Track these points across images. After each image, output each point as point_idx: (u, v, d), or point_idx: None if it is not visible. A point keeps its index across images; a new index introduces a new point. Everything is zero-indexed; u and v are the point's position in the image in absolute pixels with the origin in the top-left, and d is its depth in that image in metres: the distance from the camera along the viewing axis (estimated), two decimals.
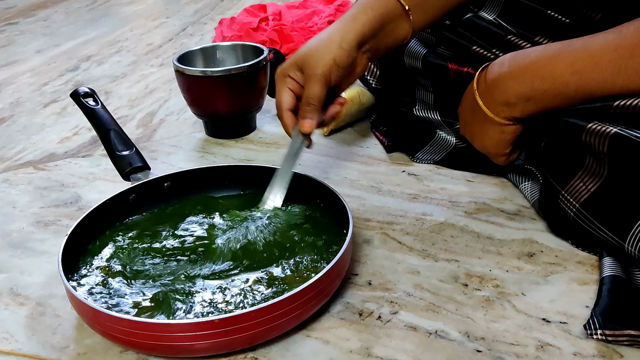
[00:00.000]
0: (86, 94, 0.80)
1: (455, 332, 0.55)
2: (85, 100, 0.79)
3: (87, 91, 0.80)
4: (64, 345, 0.57)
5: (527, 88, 0.62)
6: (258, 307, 0.52)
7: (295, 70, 0.67)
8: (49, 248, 0.71)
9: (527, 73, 0.62)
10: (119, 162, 0.73)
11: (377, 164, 0.86)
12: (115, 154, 0.74)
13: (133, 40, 1.56)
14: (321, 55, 0.66)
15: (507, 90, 0.64)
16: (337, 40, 0.66)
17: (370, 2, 0.68)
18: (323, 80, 0.66)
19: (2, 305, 0.62)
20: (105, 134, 0.75)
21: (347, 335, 0.56)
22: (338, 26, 0.68)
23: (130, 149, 0.74)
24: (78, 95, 0.80)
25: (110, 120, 0.77)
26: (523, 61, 0.64)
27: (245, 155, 0.92)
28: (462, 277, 0.62)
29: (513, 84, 0.63)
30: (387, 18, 0.68)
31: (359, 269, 0.64)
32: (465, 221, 0.71)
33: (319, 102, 0.66)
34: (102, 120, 0.77)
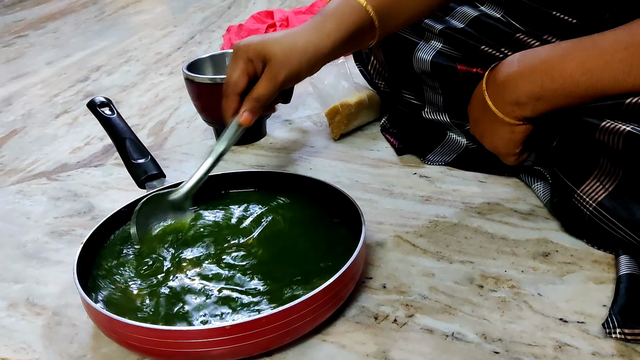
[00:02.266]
0: (102, 104, 0.80)
1: (472, 333, 0.55)
2: (101, 109, 0.79)
3: (103, 100, 0.81)
4: (81, 354, 0.57)
5: (537, 87, 0.62)
6: (273, 312, 0.52)
7: (258, 59, 0.67)
8: (64, 258, 0.71)
9: (537, 72, 0.62)
10: (135, 170, 0.74)
11: (388, 167, 0.85)
12: (130, 162, 0.74)
13: (142, 50, 1.57)
14: (289, 63, 0.65)
15: (517, 89, 0.63)
16: (309, 53, 0.65)
17: (345, 13, 0.67)
18: (280, 86, 0.66)
19: (18, 315, 0.63)
20: (121, 142, 0.75)
21: (363, 339, 0.56)
22: (314, 38, 0.66)
23: (146, 157, 0.75)
24: (94, 105, 0.80)
25: (126, 129, 0.78)
26: (533, 60, 0.64)
27: (256, 161, 0.92)
28: (477, 279, 0.62)
29: (523, 84, 0.63)
30: (358, 29, 0.68)
31: (373, 273, 0.64)
32: (478, 222, 0.71)
33: (267, 103, 0.68)
34: (117, 129, 0.77)
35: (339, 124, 0.94)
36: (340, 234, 0.66)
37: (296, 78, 0.67)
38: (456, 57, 0.83)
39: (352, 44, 0.69)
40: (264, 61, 0.66)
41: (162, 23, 1.83)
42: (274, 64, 0.65)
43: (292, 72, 0.66)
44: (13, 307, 0.64)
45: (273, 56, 0.66)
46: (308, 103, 1.11)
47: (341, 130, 0.94)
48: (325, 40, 0.66)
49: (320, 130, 0.99)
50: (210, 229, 0.68)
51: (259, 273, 0.61)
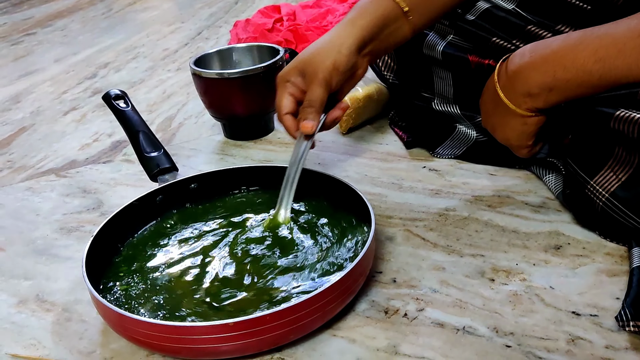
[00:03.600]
0: (117, 96, 0.80)
1: (484, 327, 0.55)
2: (116, 102, 0.79)
3: (118, 93, 0.81)
4: (90, 350, 0.57)
5: (550, 78, 0.61)
6: (282, 308, 0.51)
7: (296, 75, 0.68)
8: (73, 254, 0.71)
9: (549, 63, 0.61)
10: (147, 164, 0.74)
11: (397, 161, 0.85)
12: (143, 155, 0.74)
13: (149, 46, 1.57)
14: (321, 60, 0.66)
15: (529, 81, 0.63)
16: (337, 45, 0.66)
17: (369, 6, 0.68)
18: (324, 84, 0.66)
19: (28, 311, 0.63)
20: (135, 135, 0.75)
21: (374, 333, 0.55)
22: (337, 31, 0.68)
23: (159, 150, 0.75)
24: (109, 97, 0.81)
25: (140, 122, 0.78)
26: (544, 51, 0.63)
27: (264, 156, 0.91)
28: (488, 272, 0.61)
29: (535, 75, 0.62)
30: (386, 21, 0.68)
31: (383, 267, 0.64)
32: (489, 215, 0.70)
33: (320, 105, 0.67)
34: (131, 122, 0.78)
35: (347, 118, 0.93)
36: (349, 229, 0.66)
37: (336, 72, 0.66)
38: (467, 48, 0.82)
39: (384, 35, 0.69)
40: (302, 74, 0.67)
41: (170, 19, 1.83)
42: (308, 68, 0.66)
43: (326, 67, 0.65)
44: (23, 304, 0.64)
45: (304, 63, 0.67)
46: None
47: (350, 124, 0.94)
48: (350, 28, 0.67)
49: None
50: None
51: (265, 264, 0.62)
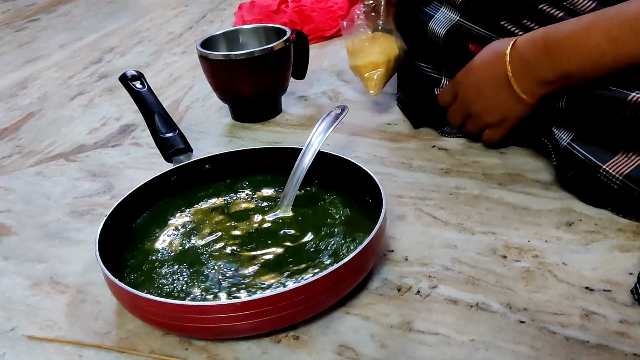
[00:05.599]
0: (134, 77, 0.81)
1: (497, 303, 0.55)
2: (132, 83, 0.80)
3: (134, 74, 0.82)
4: (106, 330, 0.57)
5: (565, 64, 0.62)
6: (297, 286, 0.52)
7: None
8: (86, 237, 0.72)
9: (563, 49, 0.61)
10: (162, 144, 0.74)
11: (407, 140, 0.85)
12: (158, 136, 0.75)
13: (154, 30, 1.56)
14: None
15: (544, 68, 0.63)
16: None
17: None
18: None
19: (43, 294, 0.63)
20: (150, 116, 0.76)
21: (387, 310, 0.55)
22: None
23: (174, 131, 0.76)
24: (126, 78, 0.81)
25: (155, 103, 0.78)
26: (556, 36, 0.63)
27: (273, 138, 0.91)
28: (500, 249, 0.61)
29: (550, 62, 0.63)
30: None
31: (394, 246, 0.64)
32: (500, 193, 0.70)
33: None
34: (147, 102, 0.78)
35: (380, 79, 0.88)
36: (360, 208, 0.66)
37: None
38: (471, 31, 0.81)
39: None
40: None
41: (173, 3, 1.82)
42: None
43: None
44: (37, 286, 0.64)
45: None
46: (323, 79, 1.10)
47: (381, 86, 0.88)
48: None
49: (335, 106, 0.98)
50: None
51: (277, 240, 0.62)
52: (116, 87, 1.19)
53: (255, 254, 0.61)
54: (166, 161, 0.75)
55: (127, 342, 0.55)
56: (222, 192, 0.72)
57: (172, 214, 0.69)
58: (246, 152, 0.76)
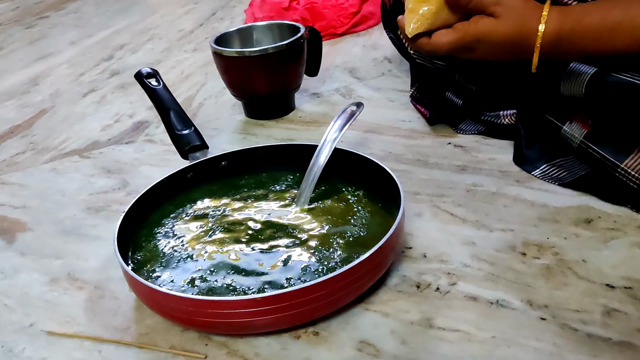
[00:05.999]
0: (149, 75, 0.81)
1: (517, 300, 0.54)
2: (147, 80, 0.80)
3: (149, 72, 0.82)
4: (125, 326, 0.57)
5: (587, 51, 0.63)
6: (316, 282, 0.51)
7: None
8: (102, 233, 0.72)
9: (586, 40, 0.62)
10: (178, 141, 0.75)
11: (421, 137, 0.84)
12: (174, 132, 0.75)
13: (164, 27, 1.56)
14: None
15: (564, 54, 0.63)
16: None
17: None
18: None
19: (61, 289, 0.63)
20: (166, 113, 0.76)
21: (406, 307, 0.55)
22: None
23: (189, 127, 0.76)
24: (141, 75, 0.81)
25: (171, 100, 0.79)
26: (579, 25, 0.63)
27: (287, 135, 0.91)
28: (519, 246, 0.61)
29: (570, 49, 0.63)
30: None
31: (412, 242, 0.63)
32: (517, 190, 0.70)
33: None
34: (163, 100, 0.79)
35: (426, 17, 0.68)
36: (377, 205, 0.66)
37: None
38: None
39: None
40: None
41: (182, 0, 1.82)
42: None
43: None
44: (55, 282, 0.64)
45: None
46: (335, 76, 1.10)
47: (422, 27, 0.68)
48: None
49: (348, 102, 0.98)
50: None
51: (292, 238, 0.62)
52: (128, 84, 1.20)
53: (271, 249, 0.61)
54: (182, 158, 0.75)
55: (147, 337, 0.55)
56: (239, 189, 0.72)
57: (188, 211, 0.69)
58: (262, 149, 0.76)
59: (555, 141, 0.73)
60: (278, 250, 0.61)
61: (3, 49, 1.56)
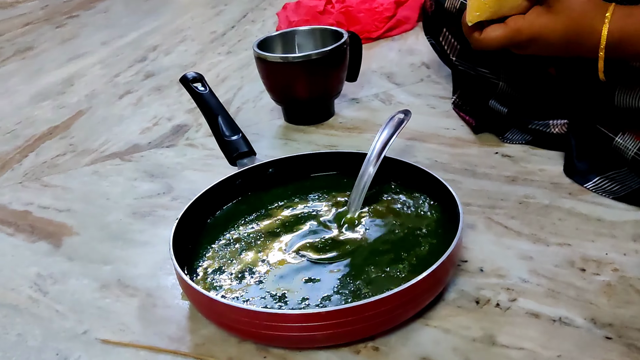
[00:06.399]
0: (194, 79, 0.80)
1: (580, 318, 0.53)
2: (194, 85, 0.79)
3: (195, 76, 0.82)
4: (180, 336, 0.57)
5: None
6: (377, 298, 0.51)
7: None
8: (150, 239, 0.72)
9: None
10: (227, 147, 0.74)
11: (467, 146, 0.83)
12: (223, 139, 0.74)
13: (195, 29, 1.56)
14: None
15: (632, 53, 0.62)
16: None
17: None
18: None
19: (112, 296, 0.63)
20: (214, 119, 0.76)
21: (467, 323, 0.54)
22: None
23: (237, 134, 0.76)
24: (187, 80, 0.81)
25: (218, 106, 0.78)
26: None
27: (328, 141, 0.90)
28: (578, 262, 0.60)
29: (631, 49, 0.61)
30: None
31: (467, 256, 0.63)
32: (571, 203, 0.69)
33: None
34: (210, 105, 0.78)
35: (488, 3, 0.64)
36: (429, 216, 0.65)
37: None
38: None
39: None
40: None
41: (212, 1, 1.82)
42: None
43: None
44: (106, 289, 0.64)
45: None
46: (373, 81, 1.09)
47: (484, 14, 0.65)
48: None
49: (389, 109, 0.98)
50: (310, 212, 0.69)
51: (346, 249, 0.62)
52: (164, 86, 1.20)
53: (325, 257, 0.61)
54: (230, 164, 0.74)
55: (204, 348, 0.55)
56: (288, 196, 0.71)
57: (238, 218, 0.68)
58: (309, 156, 0.75)
59: (608, 153, 0.72)
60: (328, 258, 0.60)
61: (35, 48, 1.57)
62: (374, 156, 0.67)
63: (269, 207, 0.70)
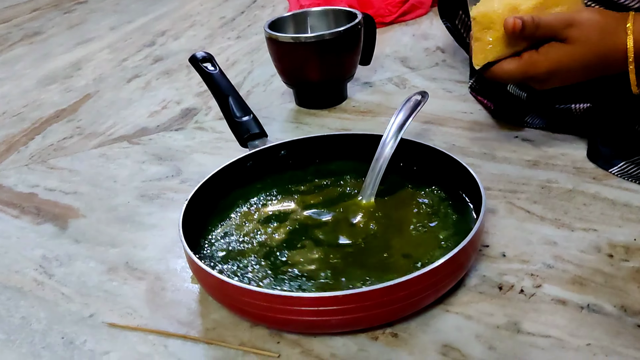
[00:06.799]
0: (204, 59, 0.78)
1: (610, 305, 0.51)
2: (203, 65, 0.77)
3: (204, 56, 0.79)
4: (190, 320, 0.55)
5: None
6: (396, 282, 0.48)
7: None
8: (158, 221, 0.69)
9: None
10: (238, 129, 0.72)
11: (486, 130, 0.81)
12: (233, 120, 0.72)
13: (205, 14, 1.54)
14: None
15: None
16: None
17: None
18: None
19: (120, 279, 0.61)
20: (224, 99, 0.73)
21: (490, 310, 0.52)
22: None
23: (248, 115, 0.73)
24: (196, 60, 0.78)
25: (229, 86, 0.76)
26: None
27: (341, 125, 0.88)
28: (604, 248, 0.57)
29: None
30: None
31: (489, 240, 0.60)
32: (595, 188, 0.66)
33: None
34: (220, 86, 0.75)
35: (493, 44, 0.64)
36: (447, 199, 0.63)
37: None
38: None
39: None
40: None
41: None
42: None
43: None
44: (113, 271, 0.62)
45: None
46: (387, 65, 1.06)
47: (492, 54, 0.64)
48: None
49: (404, 93, 0.95)
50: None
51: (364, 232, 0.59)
52: (173, 70, 1.17)
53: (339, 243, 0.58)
54: (241, 146, 0.72)
55: (214, 332, 0.53)
56: (303, 180, 0.69)
57: (249, 200, 0.66)
58: (322, 139, 0.73)
59: (633, 137, 0.69)
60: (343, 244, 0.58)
61: (43, 33, 1.55)
62: (389, 138, 0.65)
63: (282, 190, 0.67)
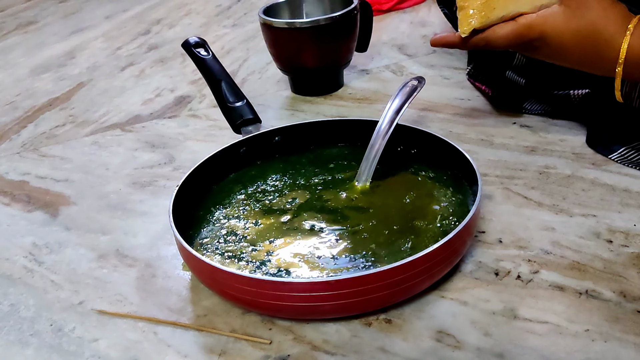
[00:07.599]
0: (197, 44, 0.77)
1: (609, 291, 0.50)
2: (196, 50, 0.76)
3: (197, 41, 0.78)
4: (180, 307, 0.54)
5: None
6: (389, 267, 0.47)
7: None
8: (149, 209, 0.68)
9: None
10: (231, 114, 0.70)
11: (484, 116, 0.79)
12: (226, 105, 0.70)
13: (200, 3, 1.52)
14: None
15: None
16: None
17: None
18: None
19: (110, 266, 0.60)
20: (217, 84, 0.72)
21: (486, 296, 0.51)
22: None
23: (242, 100, 0.71)
24: (189, 45, 0.77)
25: (221, 71, 0.74)
26: None
27: (337, 112, 0.87)
28: (604, 233, 0.56)
29: None
30: None
31: (485, 226, 0.59)
32: (594, 173, 0.65)
33: None
34: (213, 70, 0.74)
35: (479, 9, 0.62)
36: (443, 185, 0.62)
37: None
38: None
39: None
40: None
41: None
42: None
43: None
44: (104, 259, 0.61)
45: None
46: (384, 52, 1.05)
47: (479, 20, 0.62)
48: None
49: (401, 80, 0.93)
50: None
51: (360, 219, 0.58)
52: (167, 58, 1.16)
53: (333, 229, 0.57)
54: (234, 132, 0.71)
55: (205, 319, 0.52)
56: (297, 166, 0.68)
57: (243, 187, 0.65)
58: (317, 124, 0.72)
59: (632, 122, 0.68)
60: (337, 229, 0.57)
61: (37, 22, 1.53)
62: (385, 124, 0.64)
63: (276, 176, 0.66)
